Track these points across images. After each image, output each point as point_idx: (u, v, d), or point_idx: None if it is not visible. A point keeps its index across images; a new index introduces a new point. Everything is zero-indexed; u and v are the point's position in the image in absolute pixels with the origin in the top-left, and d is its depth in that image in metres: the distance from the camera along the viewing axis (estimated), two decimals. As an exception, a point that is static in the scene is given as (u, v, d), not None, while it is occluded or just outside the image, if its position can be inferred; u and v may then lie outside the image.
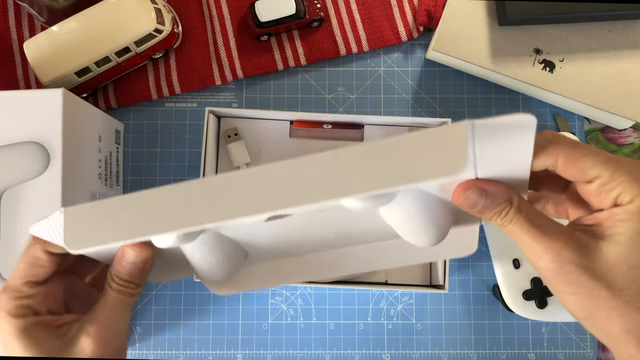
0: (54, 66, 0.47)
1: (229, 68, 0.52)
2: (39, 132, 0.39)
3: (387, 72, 0.54)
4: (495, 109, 0.53)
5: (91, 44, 0.47)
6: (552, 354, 0.51)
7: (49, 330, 0.27)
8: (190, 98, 0.53)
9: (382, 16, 0.53)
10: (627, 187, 0.24)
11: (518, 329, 0.51)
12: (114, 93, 0.52)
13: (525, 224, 0.25)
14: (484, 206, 0.25)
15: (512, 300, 0.47)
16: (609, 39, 0.49)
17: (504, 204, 0.25)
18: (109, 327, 0.28)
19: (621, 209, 0.24)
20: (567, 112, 0.53)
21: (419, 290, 0.48)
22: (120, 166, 0.52)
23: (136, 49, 0.49)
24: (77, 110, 0.42)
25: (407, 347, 0.51)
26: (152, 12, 0.48)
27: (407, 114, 0.53)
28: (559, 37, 0.49)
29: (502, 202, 0.25)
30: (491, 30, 0.50)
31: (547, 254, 0.24)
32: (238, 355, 0.51)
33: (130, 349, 0.51)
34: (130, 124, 0.53)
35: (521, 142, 0.23)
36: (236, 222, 0.25)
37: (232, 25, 0.53)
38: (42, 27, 0.53)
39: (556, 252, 0.24)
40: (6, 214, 0.38)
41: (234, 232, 0.31)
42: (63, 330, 0.28)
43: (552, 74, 0.49)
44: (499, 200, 0.25)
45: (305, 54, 0.53)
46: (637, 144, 0.54)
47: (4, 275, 0.38)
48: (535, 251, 0.25)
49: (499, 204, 0.25)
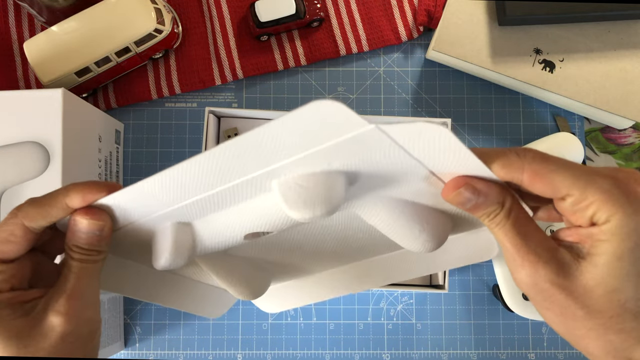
0: (54, 66, 0.47)
1: (229, 68, 0.52)
2: (39, 132, 0.39)
3: (387, 72, 0.54)
4: (495, 109, 0.53)
5: (91, 44, 0.47)
6: (552, 354, 0.51)
7: (12, 308, 0.26)
8: (190, 98, 0.53)
9: (382, 16, 0.53)
10: (600, 205, 0.22)
11: (518, 329, 0.51)
12: (114, 93, 0.52)
13: (511, 232, 0.24)
14: (475, 205, 0.24)
15: (512, 300, 0.47)
16: (609, 39, 0.49)
17: (495, 205, 0.24)
18: (77, 299, 0.26)
19: (598, 229, 0.23)
20: (567, 112, 0.53)
21: (419, 290, 0.48)
22: (120, 166, 0.52)
23: (136, 49, 0.49)
24: (77, 110, 0.42)
25: (407, 347, 0.51)
26: (152, 12, 0.48)
27: (407, 114, 0.53)
28: (559, 37, 0.49)
29: (493, 204, 0.24)
30: (491, 30, 0.50)
31: (525, 268, 0.23)
32: (238, 355, 0.51)
33: (130, 349, 0.51)
34: (130, 124, 0.53)
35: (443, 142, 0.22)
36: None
37: (232, 25, 0.53)
38: (42, 27, 0.53)
39: (534, 267, 0.23)
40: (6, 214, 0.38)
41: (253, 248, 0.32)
42: (28, 307, 0.26)
43: (552, 74, 0.49)
44: (490, 201, 0.24)
45: (305, 54, 0.53)
46: (637, 144, 0.54)
47: (4, 275, 0.38)
48: (514, 261, 0.24)
49: (489, 205, 0.24)
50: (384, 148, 0.23)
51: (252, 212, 0.27)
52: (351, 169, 0.24)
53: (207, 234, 0.29)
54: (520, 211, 0.25)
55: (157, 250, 0.28)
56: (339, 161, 0.24)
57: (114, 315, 0.48)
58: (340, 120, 0.21)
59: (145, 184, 0.25)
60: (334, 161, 0.24)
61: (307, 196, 0.24)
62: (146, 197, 0.26)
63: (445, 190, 0.25)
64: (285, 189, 0.24)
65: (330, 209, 0.25)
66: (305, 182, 0.24)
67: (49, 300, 0.26)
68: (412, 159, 0.23)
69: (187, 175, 0.25)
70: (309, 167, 0.24)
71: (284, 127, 0.21)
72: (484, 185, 0.24)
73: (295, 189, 0.24)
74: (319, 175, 0.24)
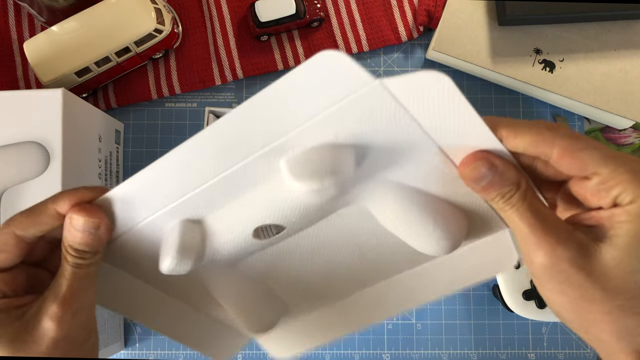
0: (54, 66, 0.47)
1: (229, 68, 0.52)
2: (39, 132, 0.39)
3: (387, 72, 0.54)
4: (495, 109, 0.53)
5: (91, 44, 0.47)
6: (552, 354, 0.51)
7: (6, 313, 0.26)
8: (190, 98, 0.53)
9: (382, 16, 0.53)
10: (627, 186, 0.22)
11: (518, 329, 0.51)
12: (114, 93, 0.52)
13: (527, 212, 0.23)
14: (490, 182, 0.23)
15: (512, 300, 0.47)
16: (609, 39, 0.49)
17: (511, 186, 0.23)
18: (70, 303, 0.26)
19: (621, 210, 0.22)
20: (567, 112, 0.53)
21: (419, 290, 0.48)
22: (120, 166, 0.52)
23: (136, 49, 0.49)
24: (77, 110, 0.42)
25: (407, 347, 0.51)
26: (152, 12, 0.48)
27: (407, 114, 0.53)
28: (559, 37, 0.49)
29: (510, 184, 0.23)
30: (491, 30, 0.50)
31: (542, 248, 0.23)
32: (238, 355, 0.51)
33: (130, 349, 0.51)
34: (130, 124, 0.53)
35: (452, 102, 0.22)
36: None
37: (232, 25, 0.53)
38: (42, 27, 0.53)
39: (552, 247, 0.23)
40: (6, 214, 0.38)
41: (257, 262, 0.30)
42: (22, 311, 0.26)
43: (552, 74, 0.49)
44: (507, 180, 0.23)
45: (305, 54, 0.53)
46: (637, 144, 0.54)
47: (4, 275, 0.38)
48: (530, 244, 0.23)
49: (506, 184, 0.23)
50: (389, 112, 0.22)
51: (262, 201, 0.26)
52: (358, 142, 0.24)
53: (217, 230, 0.28)
54: (534, 194, 0.24)
55: (163, 250, 0.27)
56: (346, 132, 0.23)
57: (114, 315, 0.48)
58: (346, 75, 0.20)
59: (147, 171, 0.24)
60: (341, 132, 0.23)
61: (315, 167, 0.24)
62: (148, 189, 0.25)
63: (462, 164, 0.24)
64: (293, 164, 0.24)
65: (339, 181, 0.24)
66: (313, 155, 0.24)
67: (42, 304, 0.26)
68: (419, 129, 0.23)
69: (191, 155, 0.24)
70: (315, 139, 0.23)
71: (290, 84, 0.21)
72: (502, 163, 0.23)
73: (303, 163, 0.24)
74: (327, 147, 0.24)
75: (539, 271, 0.23)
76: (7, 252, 0.27)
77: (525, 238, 0.23)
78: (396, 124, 0.23)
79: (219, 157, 0.24)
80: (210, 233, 0.28)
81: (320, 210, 0.27)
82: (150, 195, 0.26)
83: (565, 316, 0.24)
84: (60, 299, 0.26)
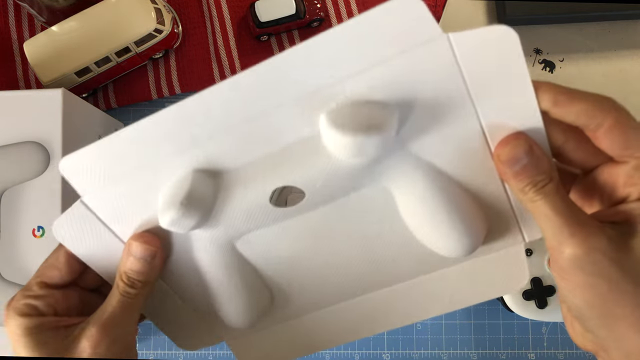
0: (54, 66, 0.47)
1: (229, 68, 0.52)
2: (39, 132, 0.39)
3: (387, 72, 0.54)
4: (495, 109, 0.53)
5: (91, 44, 0.47)
6: (552, 354, 0.51)
7: (55, 331, 0.27)
8: (190, 98, 0.53)
9: (382, 16, 0.53)
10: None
11: (518, 329, 0.51)
12: (114, 93, 0.52)
13: (560, 202, 0.23)
14: (525, 166, 0.23)
15: (512, 300, 0.47)
16: (609, 39, 0.49)
17: (544, 174, 0.23)
18: (110, 329, 0.27)
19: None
20: (567, 112, 0.53)
21: (419, 290, 0.48)
22: (120, 166, 0.52)
23: (136, 49, 0.49)
24: (77, 110, 0.42)
25: (407, 347, 0.51)
26: (152, 12, 0.48)
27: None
28: (559, 37, 0.49)
29: (544, 172, 0.23)
30: (491, 30, 0.50)
31: (576, 238, 0.22)
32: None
33: (130, 349, 0.51)
34: (130, 124, 0.53)
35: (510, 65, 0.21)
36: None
37: (232, 25, 0.53)
38: (42, 27, 0.53)
39: (586, 237, 0.22)
40: (6, 214, 0.38)
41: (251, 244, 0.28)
42: (70, 331, 0.27)
43: (552, 74, 0.49)
44: (540, 168, 0.23)
45: (305, 54, 0.53)
46: (637, 144, 0.54)
47: (4, 275, 0.38)
48: (562, 234, 0.22)
49: (538, 172, 0.23)
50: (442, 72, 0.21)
51: (288, 158, 0.24)
52: (403, 104, 0.22)
53: (232, 185, 0.25)
54: (563, 188, 0.24)
55: (165, 199, 0.25)
56: (395, 90, 0.22)
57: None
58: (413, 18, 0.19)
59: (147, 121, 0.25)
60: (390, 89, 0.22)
61: (361, 120, 0.22)
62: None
63: (501, 144, 0.23)
64: (335, 116, 0.22)
65: (382, 142, 0.22)
66: (358, 108, 0.22)
67: (85, 326, 0.27)
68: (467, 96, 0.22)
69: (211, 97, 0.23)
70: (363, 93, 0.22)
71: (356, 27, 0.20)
72: (539, 150, 0.23)
73: (348, 115, 0.22)
74: (374, 103, 0.22)
75: (568, 264, 0.23)
76: (59, 270, 0.28)
77: (558, 228, 0.23)
78: (445, 87, 0.22)
79: (247, 101, 0.22)
80: (224, 188, 0.25)
81: (348, 179, 0.25)
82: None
83: (586, 313, 0.23)
84: (102, 323, 0.27)
